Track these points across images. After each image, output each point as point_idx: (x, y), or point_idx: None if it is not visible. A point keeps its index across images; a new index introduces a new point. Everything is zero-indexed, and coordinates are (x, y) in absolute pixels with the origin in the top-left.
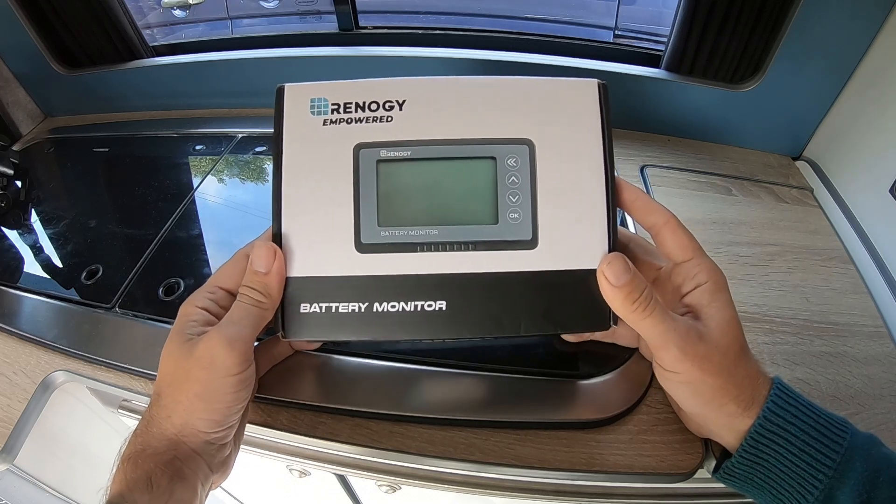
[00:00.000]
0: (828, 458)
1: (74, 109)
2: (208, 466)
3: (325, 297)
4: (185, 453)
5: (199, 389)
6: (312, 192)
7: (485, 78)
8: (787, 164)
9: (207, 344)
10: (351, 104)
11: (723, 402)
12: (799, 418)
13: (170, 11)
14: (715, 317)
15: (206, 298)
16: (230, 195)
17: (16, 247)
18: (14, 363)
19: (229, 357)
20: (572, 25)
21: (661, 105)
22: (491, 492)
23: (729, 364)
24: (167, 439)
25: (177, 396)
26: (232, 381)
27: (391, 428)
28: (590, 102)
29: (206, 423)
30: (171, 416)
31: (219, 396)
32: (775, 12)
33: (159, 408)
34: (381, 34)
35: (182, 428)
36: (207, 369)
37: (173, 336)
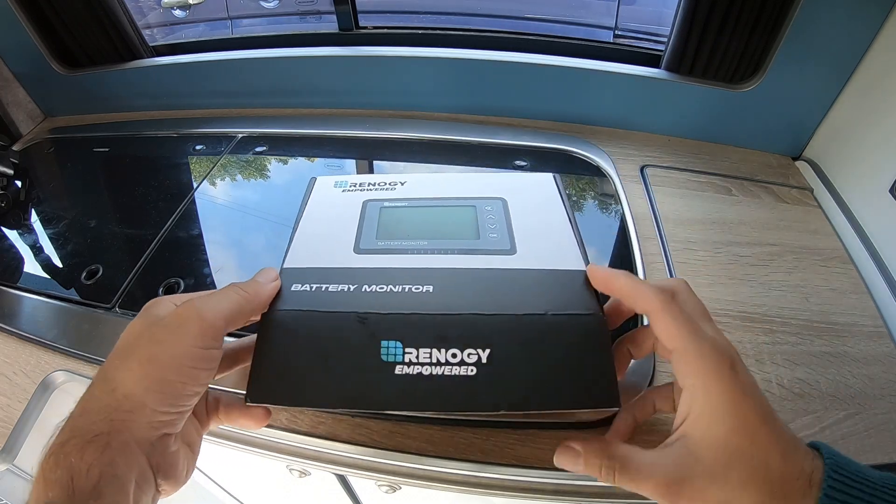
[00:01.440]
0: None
1: (74, 109)
2: (150, 464)
3: (318, 279)
4: (122, 442)
5: (156, 350)
6: (324, 226)
7: (469, 172)
8: (787, 164)
9: (179, 309)
10: (365, 182)
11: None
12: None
13: (170, 11)
14: (701, 437)
15: (172, 304)
16: (230, 195)
17: (16, 247)
18: (14, 363)
19: (198, 325)
20: (572, 25)
21: (661, 105)
22: (491, 492)
23: (735, 485)
24: (103, 418)
25: (128, 363)
26: (195, 353)
27: (391, 428)
28: (549, 185)
29: (154, 397)
30: (116, 389)
31: (176, 366)
32: (775, 12)
33: (103, 382)
34: (381, 34)
35: (125, 400)
36: (174, 332)
37: (138, 317)
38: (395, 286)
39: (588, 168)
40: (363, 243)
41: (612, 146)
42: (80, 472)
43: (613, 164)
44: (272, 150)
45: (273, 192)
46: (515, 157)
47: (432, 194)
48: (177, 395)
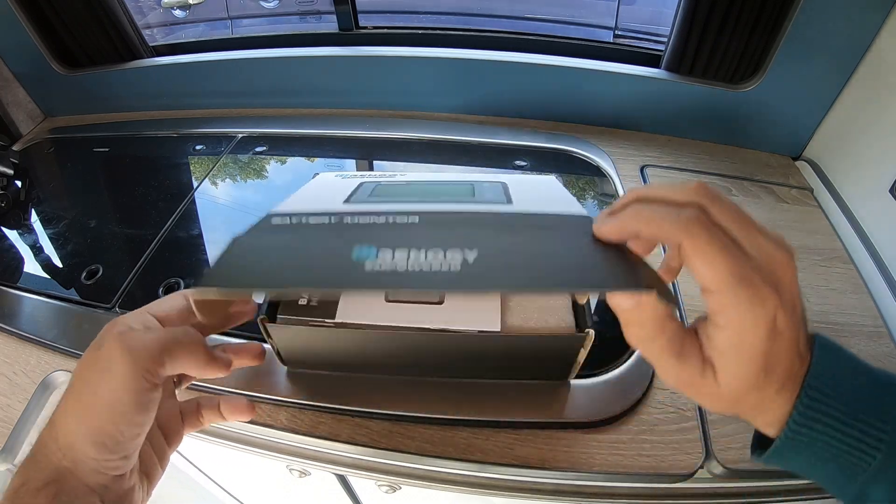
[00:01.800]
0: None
1: (74, 109)
2: (103, 502)
3: (300, 218)
4: (73, 487)
5: (89, 398)
6: (318, 191)
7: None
8: (787, 164)
9: (108, 346)
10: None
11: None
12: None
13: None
14: (726, 378)
15: (136, 320)
16: (230, 195)
17: (16, 247)
18: (14, 363)
19: (126, 365)
20: (572, 25)
21: (661, 105)
22: (491, 492)
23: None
24: (52, 468)
25: (68, 408)
26: (127, 399)
27: (391, 428)
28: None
29: (94, 446)
30: (58, 437)
31: (109, 412)
32: (775, 12)
33: (51, 428)
34: (381, 34)
35: (68, 451)
36: (103, 375)
37: (91, 345)
38: (379, 217)
39: (588, 168)
40: (354, 198)
41: (612, 146)
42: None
43: (613, 164)
44: (272, 150)
45: (273, 192)
46: (515, 157)
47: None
48: (115, 443)
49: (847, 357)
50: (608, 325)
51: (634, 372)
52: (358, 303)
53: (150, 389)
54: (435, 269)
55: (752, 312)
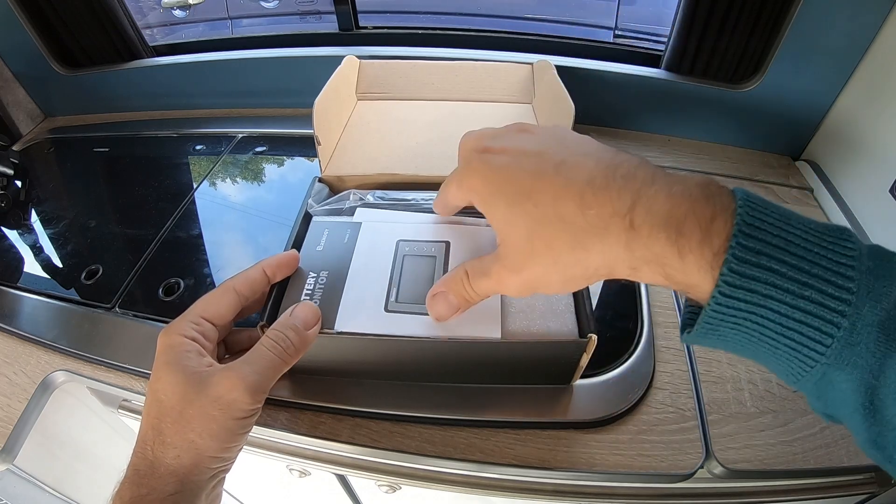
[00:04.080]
0: (843, 290)
1: (74, 109)
2: (205, 500)
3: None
4: (189, 493)
5: (214, 429)
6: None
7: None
8: (787, 164)
9: (227, 386)
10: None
11: (561, 287)
12: (787, 249)
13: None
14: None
15: (192, 329)
16: (230, 195)
17: (16, 247)
18: (14, 363)
19: (250, 404)
20: (572, 25)
21: (661, 105)
22: (491, 492)
23: (525, 258)
24: (176, 480)
25: (186, 434)
26: (248, 422)
27: (391, 428)
28: None
29: (218, 461)
30: (181, 456)
31: (233, 436)
32: (775, 12)
33: (163, 447)
34: (381, 34)
35: (193, 468)
36: (225, 411)
37: (170, 367)
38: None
39: None
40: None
41: (612, 146)
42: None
43: None
44: (272, 150)
45: (273, 192)
46: None
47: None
48: (236, 451)
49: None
50: (608, 326)
51: (634, 372)
52: (357, 312)
53: (261, 404)
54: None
55: (465, 170)
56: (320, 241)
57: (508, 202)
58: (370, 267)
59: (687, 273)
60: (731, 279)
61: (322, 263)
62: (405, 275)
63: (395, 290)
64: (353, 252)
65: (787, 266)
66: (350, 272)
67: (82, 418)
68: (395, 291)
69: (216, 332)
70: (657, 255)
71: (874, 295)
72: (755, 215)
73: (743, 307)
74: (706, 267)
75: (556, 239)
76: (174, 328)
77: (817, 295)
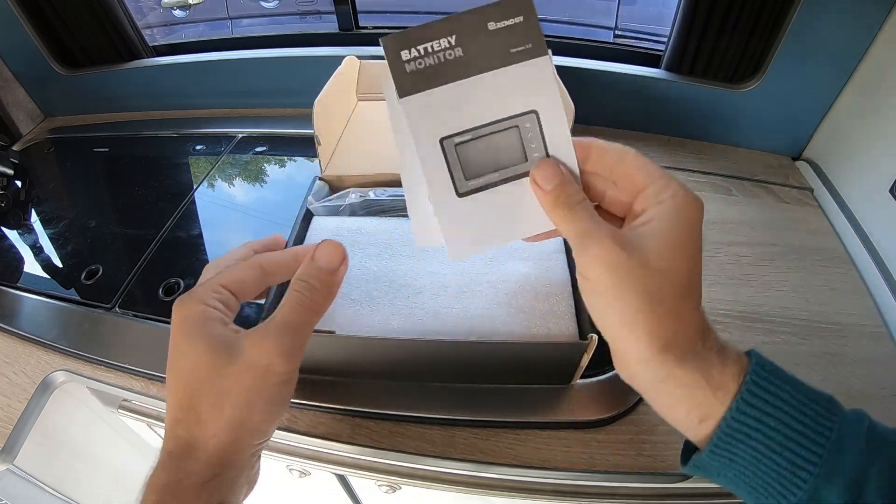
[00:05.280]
0: (813, 454)
1: (74, 109)
2: (245, 481)
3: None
4: (232, 479)
5: (253, 399)
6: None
7: None
8: (787, 164)
9: (258, 351)
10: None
11: (639, 334)
12: (781, 408)
13: (170, 11)
14: (661, 233)
15: (213, 298)
16: (230, 195)
17: (16, 247)
18: (14, 363)
19: (285, 365)
20: (572, 25)
21: (661, 105)
22: (491, 492)
23: (658, 290)
24: (215, 462)
25: (224, 410)
26: (288, 387)
27: (391, 428)
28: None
29: (259, 435)
30: (219, 434)
31: (273, 405)
32: (775, 12)
33: (200, 426)
34: (381, 34)
35: (233, 445)
36: (261, 378)
37: (193, 339)
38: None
39: None
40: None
41: None
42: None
43: None
44: (272, 150)
45: (273, 191)
46: None
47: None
48: (275, 423)
49: (782, 371)
50: None
51: None
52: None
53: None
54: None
55: (689, 197)
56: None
57: (696, 238)
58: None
59: (724, 374)
60: (748, 396)
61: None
62: (469, 153)
63: (459, 171)
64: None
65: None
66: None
67: (82, 418)
68: (460, 171)
69: (238, 305)
70: (698, 376)
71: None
72: (766, 367)
73: (753, 424)
74: (737, 375)
75: (686, 299)
76: (193, 296)
77: (811, 421)
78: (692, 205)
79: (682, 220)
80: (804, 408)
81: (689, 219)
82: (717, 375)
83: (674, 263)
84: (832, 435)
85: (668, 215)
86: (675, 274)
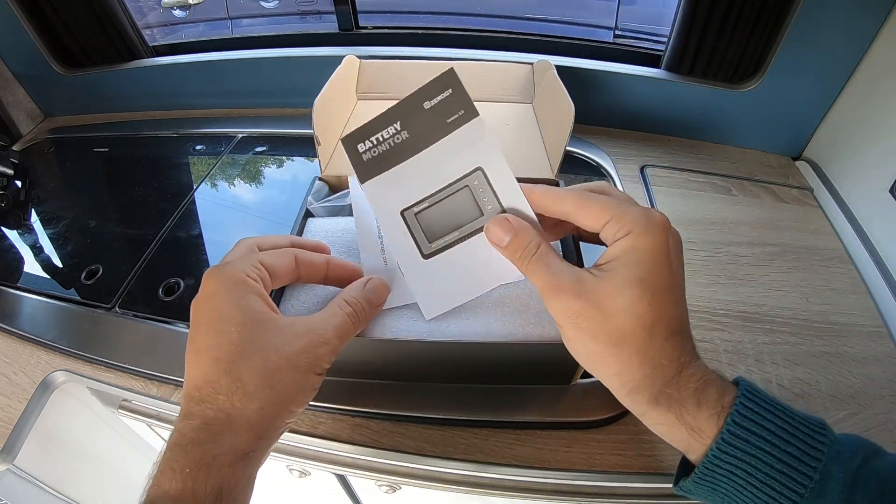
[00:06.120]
0: (798, 484)
1: (74, 109)
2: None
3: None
4: (264, 449)
5: (300, 380)
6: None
7: None
8: (787, 164)
9: (315, 340)
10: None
11: (608, 375)
12: (762, 446)
13: (170, 11)
14: (615, 274)
15: (255, 271)
16: (230, 195)
17: (16, 247)
18: (14, 363)
19: (329, 362)
20: (572, 25)
21: (661, 105)
22: (491, 492)
23: (618, 331)
24: (253, 437)
25: (274, 385)
26: (321, 381)
27: (391, 428)
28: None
29: (295, 415)
30: (265, 408)
31: (311, 391)
32: (775, 12)
33: (245, 397)
34: (381, 34)
35: (274, 421)
36: (311, 364)
37: (244, 309)
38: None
39: (588, 168)
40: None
41: (612, 146)
42: (229, 485)
43: (613, 164)
44: (272, 150)
45: (273, 191)
46: None
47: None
48: (304, 407)
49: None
50: None
51: None
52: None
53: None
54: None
55: (644, 222)
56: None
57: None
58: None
59: (698, 418)
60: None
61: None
62: (428, 218)
63: (422, 235)
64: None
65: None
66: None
67: (82, 418)
68: (423, 236)
69: (271, 287)
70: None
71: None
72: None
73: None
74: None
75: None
76: (236, 265)
77: (782, 479)
78: (651, 231)
79: (640, 251)
80: (787, 445)
81: (650, 247)
82: (690, 420)
83: (632, 302)
84: (816, 470)
85: (625, 251)
86: (635, 312)
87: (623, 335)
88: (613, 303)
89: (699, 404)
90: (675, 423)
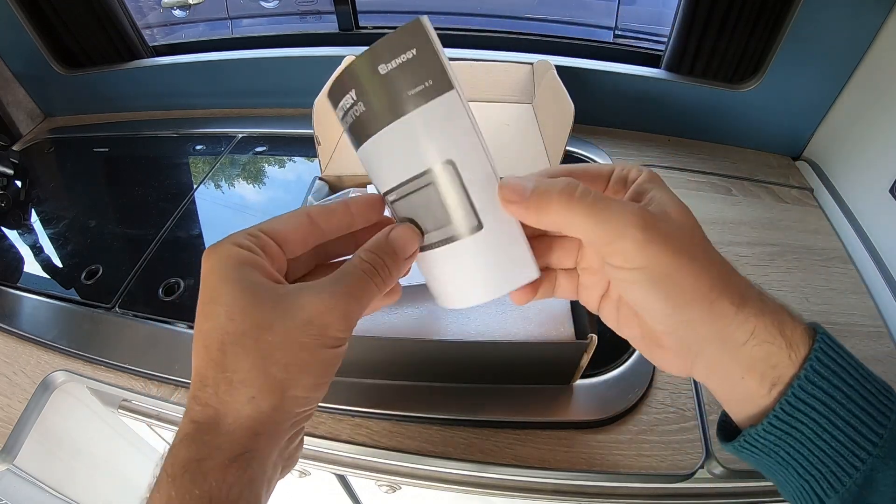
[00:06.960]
0: (873, 433)
1: (74, 109)
2: (280, 459)
3: None
4: (263, 458)
5: (305, 359)
6: None
7: None
8: (787, 164)
9: (319, 308)
10: None
11: (710, 296)
12: (847, 380)
13: (170, 11)
14: (662, 199)
15: (248, 240)
16: (230, 195)
17: (16, 247)
18: (14, 363)
19: (344, 331)
20: (572, 25)
21: (661, 105)
22: (491, 492)
23: (700, 248)
24: (247, 435)
25: (266, 368)
26: (340, 353)
27: (391, 428)
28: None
29: (304, 402)
30: (257, 398)
31: (326, 368)
32: (775, 12)
33: (232, 387)
34: (381, 34)
35: (272, 413)
36: (317, 338)
37: (231, 284)
38: None
39: None
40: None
41: (612, 146)
42: (219, 494)
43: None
44: (272, 150)
45: (273, 191)
46: None
47: None
48: (324, 389)
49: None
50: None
51: (634, 372)
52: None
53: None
54: None
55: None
56: None
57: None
58: None
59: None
60: (822, 357)
61: None
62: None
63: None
64: None
65: (840, 404)
66: None
67: (82, 418)
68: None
69: (283, 255)
70: (775, 331)
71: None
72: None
73: (820, 394)
74: (807, 334)
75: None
76: (225, 240)
77: (853, 432)
78: (655, 174)
79: (665, 187)
80: (866, 382)
81: (665, 185)
82: (788, 332)
83: (690, 217)
84: (893, 415)
85: (653, 185)
86: (696, 227)
87: (707, 251)
88: (684, 220)
89: (792, 315)
90: (777, 339)
